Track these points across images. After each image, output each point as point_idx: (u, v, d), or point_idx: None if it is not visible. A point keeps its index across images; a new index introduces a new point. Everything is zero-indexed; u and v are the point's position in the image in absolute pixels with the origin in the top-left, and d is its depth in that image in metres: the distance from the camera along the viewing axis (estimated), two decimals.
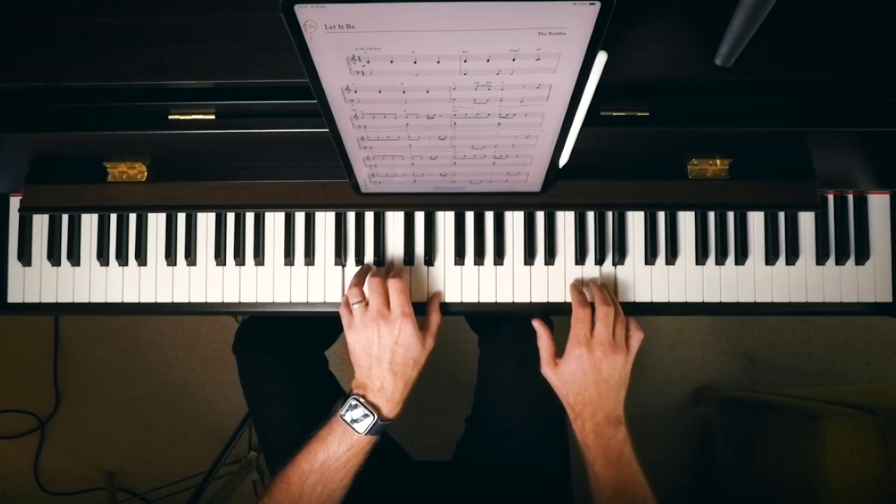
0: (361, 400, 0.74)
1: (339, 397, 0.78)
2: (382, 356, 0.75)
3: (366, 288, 0.77)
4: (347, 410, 0.74)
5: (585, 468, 0.75)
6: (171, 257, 0.86)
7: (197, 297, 0.86)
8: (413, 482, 0.97)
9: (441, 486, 0.96)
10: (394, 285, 0.76)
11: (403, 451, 1.03)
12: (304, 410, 0.93)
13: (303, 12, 0.46)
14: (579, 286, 0.83)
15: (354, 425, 0.73)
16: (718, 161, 0.77)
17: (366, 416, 0.74)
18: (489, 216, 0.86)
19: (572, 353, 0.76)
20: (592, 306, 0.78)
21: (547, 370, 0.79)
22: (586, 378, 0.75)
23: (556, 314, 0.86)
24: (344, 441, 0.73)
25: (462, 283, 0.86)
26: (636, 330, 0.78)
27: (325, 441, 0.74)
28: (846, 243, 0.85)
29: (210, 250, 0.86)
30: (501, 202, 0.80)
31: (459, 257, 0.85)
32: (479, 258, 0.85)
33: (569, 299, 0.83)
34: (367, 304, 0.77)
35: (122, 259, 0.86)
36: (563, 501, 0.81)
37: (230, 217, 0.87)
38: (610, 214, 0.85)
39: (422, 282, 0.86)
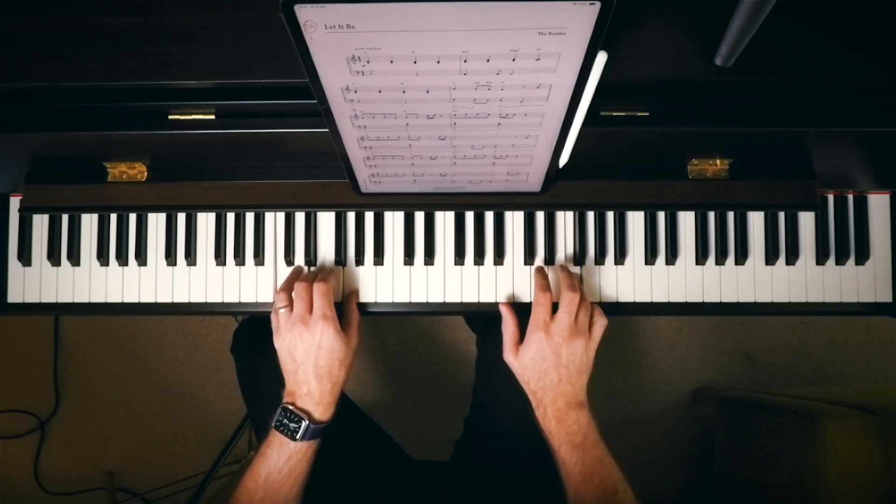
0: (291, 407, 0.74)
1: (339, 397, 0.77)
2: (307, 360, 0.74)
3: (293, 293, 0.77)
4: (279, 420, 0.74)
5: (552, 455, 0.75)
6: (171, 257, 0.86)
7: (197, 297, 0.86)
8: (412, 482, 0.97)
9: (440, 486, 0.96)
10: (318, 289, 0.76)
11: (403, 450, 1.03)
12: None
13: (303, 12, 0.46)
14: (544, 271, 0.83)
15: (288, 434, 0.73)
16: (718, 161, 0.77)
17: (298, 422, 0.73)
18: (489, 216, 0.86)
19: (532, 338, 0.75)
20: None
21: (509, 356, 0.78)
22: (546, 363, 0.74)
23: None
24: (282, 452, 0.73)
25: (462, 283, 0.86)
26: (600, 316, 0.77)
27: (264, 455, 0.73)
28: (846, 243, 0.85)
29: (210, 250, 0.86)
30: (501, 202, 0.80)
31: (459, 257, 0.85)
32: (479, 258, 0.85)
33: None
34: (291, 308, 0.76)
35: (122, 259, 0.86)
36: (562, 502, 0.81)
37: (230, 217, 0.87)
38: (610, 214, 0.85)
39: (422, 282, 0.86)
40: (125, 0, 0.64)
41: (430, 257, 0.85)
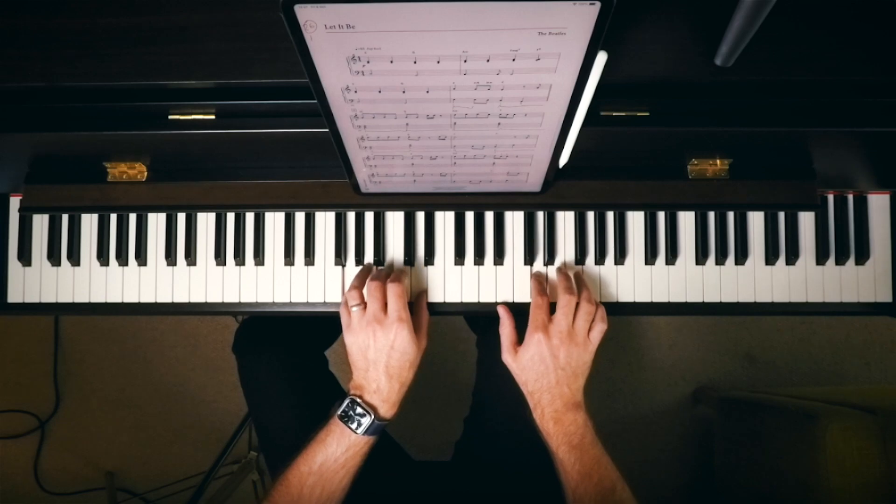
0: (358, 401, 0.75)
1: (339, 397, 0.78)
2: (378, 359, 0.76)
3: (365, 291, 0.78)
4: (345, 411, 0.75)
5: (551, 456, 0.76)
6: (171, 257, 0.86)
7: (197, 297, 0.86)
8: (412, 482, 0.97)
9: (440, 485, 0.96)
10: (392, 290, 0.76)
11: (403, 450, 1.03)
12: (304, 410, 0.93)
13: (303, 12, 0.46)
14: (541, 274, 0.84)
15: (352, 426, 0.74)
16: (718, 161, 0.77)
17: (363, 416, 0.74)
18: (489, 216, 0.86)
19: (531, 339, 0.76)
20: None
21: (507, 357, 0.79)
22: (544, 364, 0.75)
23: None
24: (342, 442, 0.74)
25: (462, 282, 0.86)
26: (601, 321, 0.78)
27: (323, 442, 0.74)
28: (846, 243, 0.85)
29: (210, 250, 0.86)
30: (501, 202, 0.80)
31: (459, 257, 0.85)
32: (479, 258, 0.85)
33: None
34: (364, 307, 0.77)
35: (122, 259, 0.86)
36: (561, 501, 0.81)
37: (230, 217, 0.87)
38: (610, 214, 0.85)
39: (422, 282, 0.86)
40: (125, 0, 0.64)
41: (430, 257, 0.85)
